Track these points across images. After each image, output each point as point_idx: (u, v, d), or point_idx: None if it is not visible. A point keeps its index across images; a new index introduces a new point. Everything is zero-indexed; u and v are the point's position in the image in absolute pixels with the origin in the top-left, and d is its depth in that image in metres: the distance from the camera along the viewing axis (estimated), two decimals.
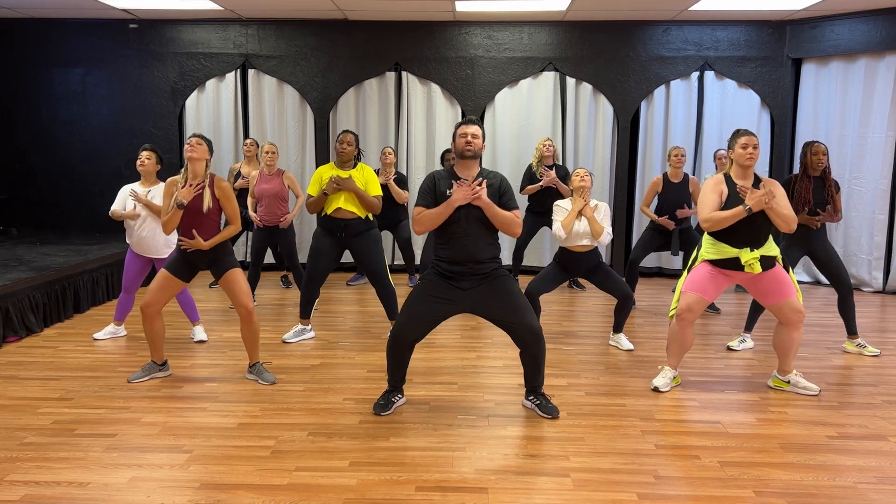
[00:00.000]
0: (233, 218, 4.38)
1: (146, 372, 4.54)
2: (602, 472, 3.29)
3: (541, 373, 3.97)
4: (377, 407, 4.00)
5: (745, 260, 4.12)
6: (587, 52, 8.09)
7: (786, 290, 4.22)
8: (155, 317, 4.41)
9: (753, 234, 4.16)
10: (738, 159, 4.19)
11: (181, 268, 4.39)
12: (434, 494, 3.07)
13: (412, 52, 8.16)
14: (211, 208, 4.30)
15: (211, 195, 4.30)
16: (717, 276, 4.26)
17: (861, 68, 7.43)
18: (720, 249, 4.22)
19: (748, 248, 4.14)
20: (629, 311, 5.29)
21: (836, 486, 3.19)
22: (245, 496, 3.04)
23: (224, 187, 4.33)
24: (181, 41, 8.25)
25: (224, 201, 4.34)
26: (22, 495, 3.04)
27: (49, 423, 3.82)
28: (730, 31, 7.98)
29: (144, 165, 5.21)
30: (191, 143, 4.27)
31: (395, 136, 8.34)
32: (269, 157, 6.41)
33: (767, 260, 4.20)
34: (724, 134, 8.06)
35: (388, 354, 3.97)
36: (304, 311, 5.46)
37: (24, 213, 8.53)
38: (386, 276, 5.33)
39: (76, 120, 8.43)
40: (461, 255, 3.78)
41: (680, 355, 4.43)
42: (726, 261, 4.21)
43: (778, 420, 3.96)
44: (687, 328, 4.31)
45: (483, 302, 3.82)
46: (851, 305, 5.19)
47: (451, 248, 3.79)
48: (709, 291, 4.27)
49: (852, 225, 7.65)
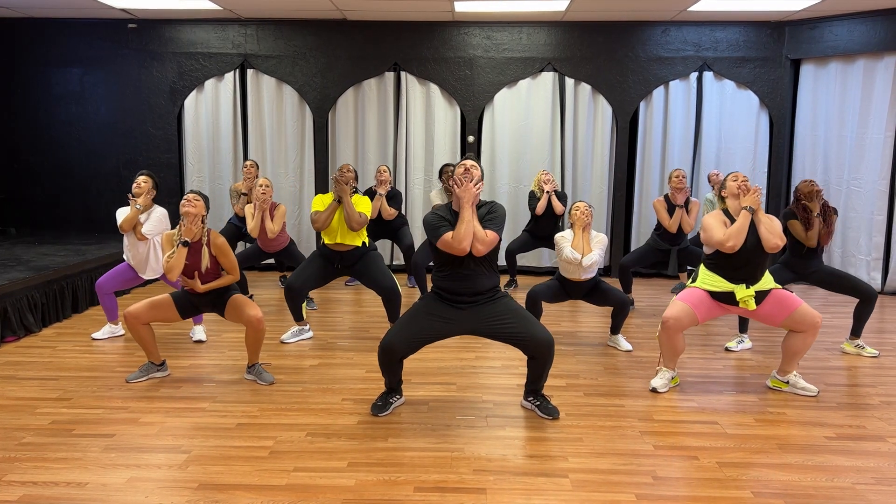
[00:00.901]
0: (230, 270, 4.41)
1: (144, 372, 4.54)
2: (600, 473, 3.29)
3: (545, 377, 3.99)
4: (375, 408, 4.00)
5: (740, 297, 4.17)
6: (586, 53, 8.10)
7: (791, 303, 4.21)
8: (138, 325, 4.39)
9: (750, 269, 4.18)
10: (731, 190, 4.29)
11: (184, 303, 4.45)
12: (432, 495, 3.07)
13: (411, 53, 8.16)
14: (209, 267, 4.35)
15: (208, 254, 4.34)
16: (711, 304, 4.28)
17: (860, 69, 7.43)
18: (716, 282, 4.24)
19: (744, 284, 4.17)
20: (627, 314, 5.30)
21: (835, 486, 3.19)
22: (243, 496, 3.04)
23: (220, 244, 4.35)
24: (180, 41, 8.24)
25: (221, 257, 4.37)
26: (20, 495, 3.03)
27: (47, 424, 3.81)
28: (728, 32, 7.99)
29: (141, 188, 5.24)
30: (188, 199, 4.30)
31: (393, 136, 8.34)
32: (264, 191, 6.10)
33: (762, 294, 4.22)
34: (723, 134, 8.07)
35: (379, 361, 3.93)
36: (295, 316, 5.47)
37: (23, 212, 8.52)
38: (396, 287, 5.37)
39: (75, 120, 8.43)
40: (462, 288, 3.76)
41: (674, 359, 4.43)
42: (722, 294, 4.24)
43: (776, 421, 3.96)
44: (674, 336, 4.28)
45: (486, 321, 3.79)
46: (869, 312, 5.15)
47: (452, 280, 3.76)
48: (700, 311, 4.26)
49: (851, 226, 7.65)
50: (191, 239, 4.29)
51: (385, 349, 3.81)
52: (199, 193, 4.37)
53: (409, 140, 8.36)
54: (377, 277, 5.31)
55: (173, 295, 4.45)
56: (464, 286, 3.75)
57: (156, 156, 8.37)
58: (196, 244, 4.33)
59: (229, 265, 4.39)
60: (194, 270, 4.33)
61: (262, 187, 6.11)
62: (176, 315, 4.45)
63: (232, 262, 4.39)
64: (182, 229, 4.30)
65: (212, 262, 4.36)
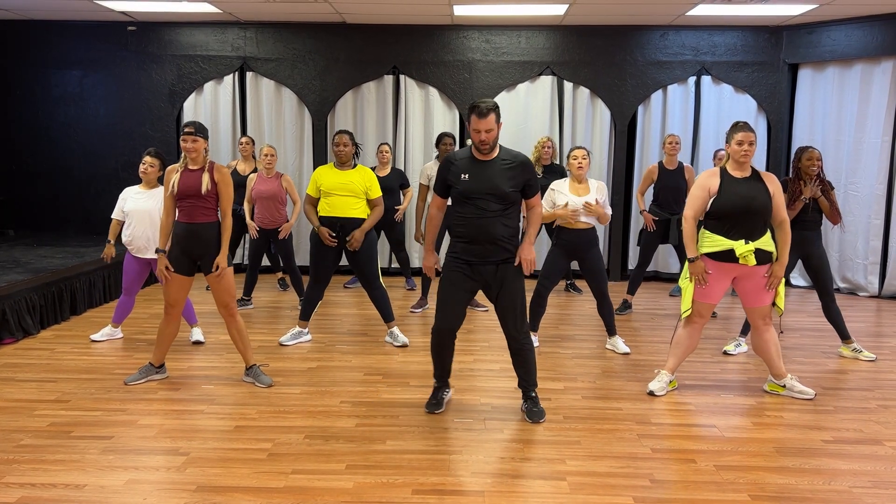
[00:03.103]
0: (225, 206, 4.40)
1: (143, 374, 4.54)
2: (598, 476, 3.30)
3: (530, 377, 4.02)
4: (430, 405, 4.09)
5: (739, 252, 4.14)
6: (584, 57, 8.12)
7: (765, 297, 4.27)
8: (176, 318, 4.50)
9: (749, 227, 4.17)
10: (733, 155, 4.21)
11: (181, 264, 4.43)
12: (430, 498, 3.08)
13: (410, 56, 8.18)
14: (209, 190, 4.34)
15: (210, 179, 4.35)
16: (716, 274, 4.27)
17: (857, 73, 7.46)
18: (715, 242, 4.23)
19: (743, 240, 4.17)
20: (611, 311, 5.34)
21: (832, 490, 3.20)
22: (242, 499, 3.05)
23: (224, 173, 4.39)
24: (179, 44, 8.25)
25: (222, 186, 4.38)
26: (18, 497, 3.04)
27: (45, 425, 3.81)
28: (727, 37, 8.01)
29: (147, 174, 5.29)
30: (186, 140, 4.32)
31: (392, 139, 8.34)
32: (269, 160, 6.44)
33: (763, 254, 4.20)
34: (721, 138, 8.06)
35: (432, 350, 4.07)
36: (305, 313, 5.46)
37: (21, 214, 8.51)
38: (377, 278, 5.35)
39: (74, 122, 8.43)
40: (478, 234, 3.82)
41: (682, 358, 4.46)
42: (722, 253, 4.22)
43: (773, 424, 3.97)
44: (696, 333, 4.40)
45: (492, 285, 3.90)
46: (836, 311, 5.23)
47: (467, 226, 3.83)
48: (715, 294, 4.29)
49: (848, 229, 7.66)
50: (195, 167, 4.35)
51: (438, 332, 3.96)
52: (195, 129, 4.33)
53: (408, 143, 8.37)
54: (364, 260, 5.26)
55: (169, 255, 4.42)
56: (480, 233, 3.81)
57: None
58: (198, 170, 4.36)
59: (226, 200, 4.38)
60: (193, 194, 4.32)
61: (268, 157, 6.44)
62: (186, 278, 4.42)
63: (229, 197, 4.39)
64: (185, 161, 4.38)
65: (212, 187, 4.35)
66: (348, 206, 5.20)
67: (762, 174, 4.22)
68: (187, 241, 4.38)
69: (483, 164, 3.80)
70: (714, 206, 4.21)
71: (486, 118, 3.69)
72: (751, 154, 4.17)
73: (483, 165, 3.80)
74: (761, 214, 4.16)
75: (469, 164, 3.83)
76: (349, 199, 5.19)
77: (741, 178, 4.20)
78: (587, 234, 5.20)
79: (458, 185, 3.83)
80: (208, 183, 4.33)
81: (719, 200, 4.17)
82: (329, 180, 5.21)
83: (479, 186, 3.77)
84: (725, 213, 4.16)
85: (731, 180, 4.19)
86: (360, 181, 5.22)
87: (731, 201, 4.14)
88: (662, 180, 6.44)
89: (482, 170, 3.79)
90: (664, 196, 6.43)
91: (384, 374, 4.78)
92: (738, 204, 4.13)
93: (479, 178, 3.78)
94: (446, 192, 3.96)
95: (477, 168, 3.80)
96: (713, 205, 4.21)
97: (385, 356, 5.19)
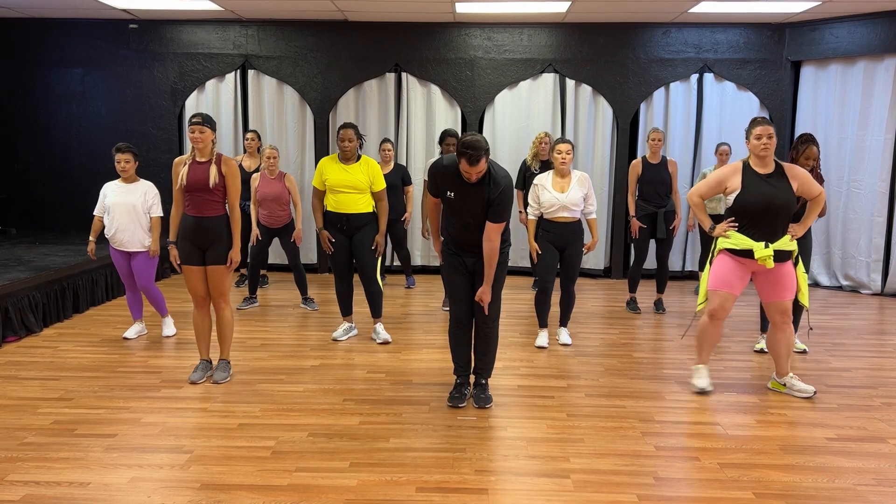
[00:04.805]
0: (233, 199, 4.43)
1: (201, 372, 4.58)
2: (602, 474, 3.30)
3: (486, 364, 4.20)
4: (452, 399, 4.15)
5: (758, 256, 4.14)
6: (587, 54, 8.10)
7: (783, 293, 4.26)
8: (206, 308, 4.55)
9: (772, 227, 4.17)
10: (753, 150, 4.20)
11: (193, 256, 4.45)
12: (434, 495, 3.08)
13: (412, 54, 8.17)
14: (217, 184, 4.36)
15: (217, 172, 4.36)
16: (738, 268, 4.27)
17: (860, 71, 7.44)
18: (738, 241, 4.23)
19: (763, 242, 4.16)
20: (572, 307, 5.53)
21: (836, 487, 3.20)
22: (245, 497, 3.05)
23: (232, 166, 4.41)
24: (181, 41, 8.25)
25: (230, 179, 4.40)
26: (22, 495, 3.04)
27: (49, 424, 3.82)
28: (729, 34, 8.00)
29: (126, 170, 5.35)
30: (193, 130, 4.33)
31: (394, 137, 8.33)
32: (271, 162, 6.43)
33: (782, 254, 4.21)
34: (723, 136, 8.06)
35: (450, 343, 4.21)
36: (342, 309, 5.56)
37: (23, 212, 8.52)
38: (375, 273, 5.37)
39: (75, 120, 8.43)
40: (464, 239, 4.02)
41: (710, 350, 4.48)
42: (744, 251, 4.22)
43: (777, 422, 3.97)
44: (719, 325, 4.40)
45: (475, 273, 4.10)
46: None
47: (455, 230, 4.03)
48: (735, 285, 4.29)
49: (851, 227, 7.66)
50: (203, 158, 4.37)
51: (455, 320, 4.13)
52: (202, 120, 4.33)
53: (410, 141, 8.36)
54: (365, 252, 5.29)
55: (183, 262, 4.45)
56: (464, 239, 4.03)
57: (156, 156, 8.37)
58: (206, 162, 4.37)
59: (233, 193, 4.41)
60: (201, 188, 4.34)
61: (270, 160, 6.43)
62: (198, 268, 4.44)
63: (237, 190, 4.42)
64: (193, 153, 4.41)
65: (220, 180, 4.37)
66: (354, 202, 5.24)
67: (785, 167, 4.20)
68: (196, 233, 4.41)
69: (468, 186, 3.87)
70: (735, 203, 4.22)
71: (478, 165, 3.72)
72: (771, 147, 4.16)
73: (468, 187, 3.87)
74: (783, 213, 4.16)
75: (454, 183, 3.90)
76: (354, 196, 5.24)
77: (764, 174, 4.18)
78: (572, 227, 5.26)
79: (443, 197, 3.98)
80: (216, 176, 4.35)
81: (741, 197, 4.18)
82: (334, 176, 5.21)
83: (462, 207, 3.93)
84: (745, 210, 4.18)
85: (754, 176, 4.19)
86: (364, 177, 5.23)
87: (752, 199, 4.14)
88: (647, 174, 6.44)
89: (466, 191, 3.88)
90: (648, 190, 6.44)
91: (387, 371, 4.78)
92: (758, 202, 4.13)
93: (464, 198, 3.91)
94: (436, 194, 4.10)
95: (462, 190, 3.89)
96: (735, 201, 4.22)
97: (388, 354, 5.19)
